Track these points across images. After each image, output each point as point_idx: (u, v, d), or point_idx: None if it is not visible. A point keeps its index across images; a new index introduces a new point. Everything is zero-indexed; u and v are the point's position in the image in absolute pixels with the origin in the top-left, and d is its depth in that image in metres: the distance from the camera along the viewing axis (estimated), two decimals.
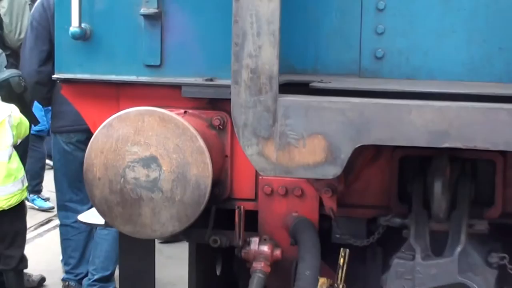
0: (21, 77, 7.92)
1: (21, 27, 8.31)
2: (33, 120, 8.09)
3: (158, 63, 4.84)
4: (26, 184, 7.77)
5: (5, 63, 8.03)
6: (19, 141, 7.68)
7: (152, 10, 4.76)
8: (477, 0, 4.52)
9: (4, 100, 7.66)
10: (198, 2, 4.76)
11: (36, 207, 12.16)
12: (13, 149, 7.55)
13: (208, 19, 4.73)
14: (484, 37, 4.55)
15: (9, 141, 7.41)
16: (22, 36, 8.31)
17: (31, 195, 12.00)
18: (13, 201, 7.59)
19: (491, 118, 3.88)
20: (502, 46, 4.52)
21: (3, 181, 7.44)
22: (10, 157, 7.47)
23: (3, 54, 8.11)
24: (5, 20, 8.29)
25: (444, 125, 3.91)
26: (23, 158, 8.17)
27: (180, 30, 4.81)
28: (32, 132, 8.71)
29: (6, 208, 7.54)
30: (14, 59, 8.18)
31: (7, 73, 7.87)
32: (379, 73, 4.63)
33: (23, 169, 7.75)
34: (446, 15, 4.56)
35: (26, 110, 7.97)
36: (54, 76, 5.05)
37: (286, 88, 4.12)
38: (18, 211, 7.88)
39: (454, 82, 4.51)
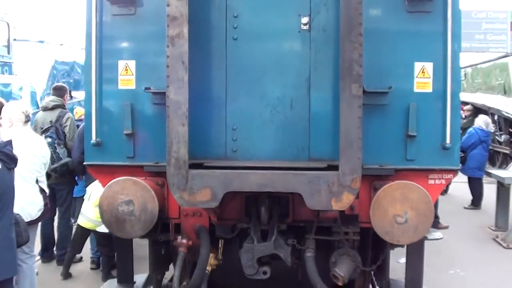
0: (71, 162, 7.56)
1: (73, 138, 7.89)
2: (75, 182, 7.74)
3: (132, 156, 4.56)
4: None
5: (66, 155, 7.57)
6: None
7: (129, 131, 4.50)
8: (283, 121, 4.40)
9: (65, 174, 7.39)
10: (150, 127, 4.53)
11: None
12: None
13: (155, 135, 4.48)
14: (285, 140, 4.41)
15: None
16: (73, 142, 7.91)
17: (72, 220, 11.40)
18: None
19: (286, 177, 3.85)
20: (289, 144, 4.42)
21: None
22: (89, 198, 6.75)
23: (65, 151, 7.65)
24: (68, 135, 7.85)
25: (265, 181, 3.85)
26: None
27: (142, 140, 4.55)
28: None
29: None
30: (68, 153, 7.74)
31: (67, 159, 7.48)
32: (235, 158, 4.45)
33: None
34: (265, 130, 4.42)
35: (73, 177, 7.64)
36: (85, 163, 4.75)
37: (192, 166, 3.96)
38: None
39: (270, 161, 4.37)
